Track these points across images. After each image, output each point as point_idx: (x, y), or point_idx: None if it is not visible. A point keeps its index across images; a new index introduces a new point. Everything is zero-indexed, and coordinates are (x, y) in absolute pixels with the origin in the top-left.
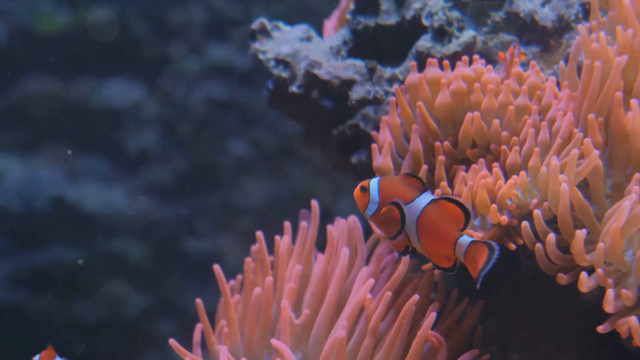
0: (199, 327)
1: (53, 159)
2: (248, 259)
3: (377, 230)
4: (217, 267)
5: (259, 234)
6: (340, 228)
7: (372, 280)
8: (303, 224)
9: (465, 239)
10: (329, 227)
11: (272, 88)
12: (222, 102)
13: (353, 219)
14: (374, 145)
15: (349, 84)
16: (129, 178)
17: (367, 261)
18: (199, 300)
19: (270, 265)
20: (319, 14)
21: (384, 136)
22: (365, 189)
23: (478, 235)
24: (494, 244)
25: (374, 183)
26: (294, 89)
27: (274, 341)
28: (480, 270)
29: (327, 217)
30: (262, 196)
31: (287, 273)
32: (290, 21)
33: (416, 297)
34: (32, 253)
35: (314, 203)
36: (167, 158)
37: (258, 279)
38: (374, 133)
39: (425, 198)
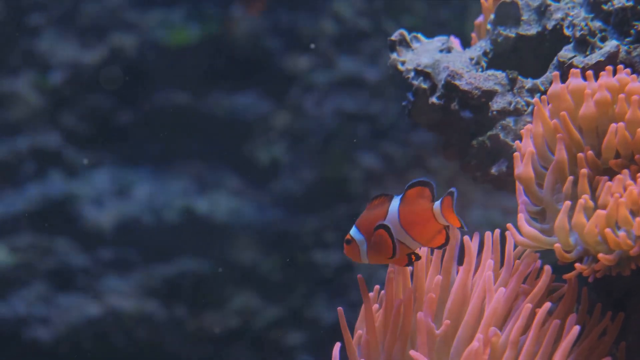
0: (337, 345)
1: (183, 171)
2: (391, 269)
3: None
4: (360, 277)
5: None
6: (487, 240)
7: (502, 290)
8: None
9: (437, 204)
10: (466, 238)
11: (412, 99)
12: (352, 114)
13: (498, 232)
14: (515, 154)
15: (489, 94)
16: (259, 190)
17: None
18: (340, 309)
19: (410, 276)
20: (449, 26)
21: (526, 145)
22: (349, 240)
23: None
24: (452, 189)
25: (352, 229)
26: (434, 99)
27: (412, 352)
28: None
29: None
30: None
31: (427, 283)
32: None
33: (548, 304)
34: (163, 264)
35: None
36: (297, 170)
37: (398, 289)
38: (516, 142)
39: (395, 201)
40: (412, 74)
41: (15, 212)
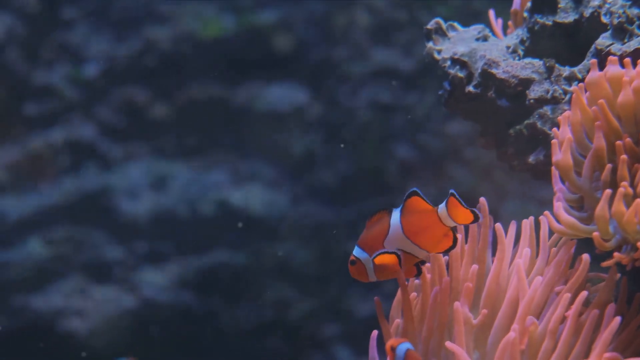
0: (374, 333)
1: (218, 163)
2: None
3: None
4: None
5: None
6: (523, 228)
7: (539, 279)
8: None
9: (440, 207)
10: (498, 226)
11: (449, 88)
12: (386, 105)
13: (532, 219)
14: (554, 141)
15: (526, 83)
16: (294, 181)
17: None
18: (377, 298)
19: (445, 265)
20: (482, 16)
21: (564, 132)
22: (354, 261)
23: None
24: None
25: (355, 249)
26: (470, 88)
27: (448, 344)
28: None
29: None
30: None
31: (462, 272)
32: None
33: (585, 293)
34: (198, 256)
35: (482, 200)
36: (332, 161)
37: (435, 279)
38: (554, 129)
39: (395, 213)
40: (448, 63)
41: (51, 205)
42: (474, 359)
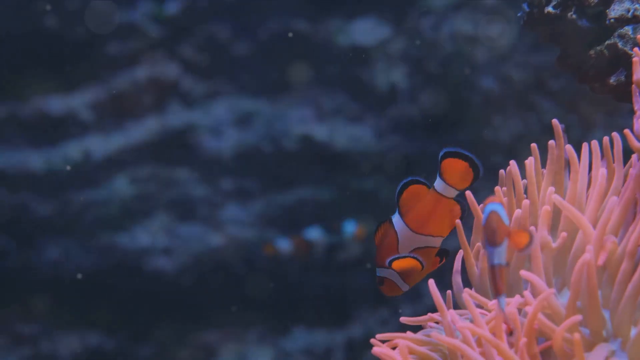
0: (459, 255)
1: (301, 98)
2: (497, 187)
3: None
4: (469, 194)
5: (512, 161)
6: (594, 149)
7: (614, 199)
8: (551, 142)
9: (436, 182)
10: (569, 147)
11: (527, 10)
12: (470, 37)
13: (607, 140)
14: (635, 59)
15: (606, 2)
16: (378, 115)
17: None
18: (458, 222)
19: (522, 190)
20: None
21: None
22: (381, 281)
23: None
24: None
25: (379, 269)
26: (549, 9)
27: (523, 272)
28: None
29: (578, 151)
30: (512, 131)
31: (541, 195)
32: None
33: None
34: (283, 192)
35: (555, 122)
36: (416, 95)
37: (512, 202)
38: (635, 49)
39: (395, 217)
40: None
41: (136, 143)
42: (554, 283)
